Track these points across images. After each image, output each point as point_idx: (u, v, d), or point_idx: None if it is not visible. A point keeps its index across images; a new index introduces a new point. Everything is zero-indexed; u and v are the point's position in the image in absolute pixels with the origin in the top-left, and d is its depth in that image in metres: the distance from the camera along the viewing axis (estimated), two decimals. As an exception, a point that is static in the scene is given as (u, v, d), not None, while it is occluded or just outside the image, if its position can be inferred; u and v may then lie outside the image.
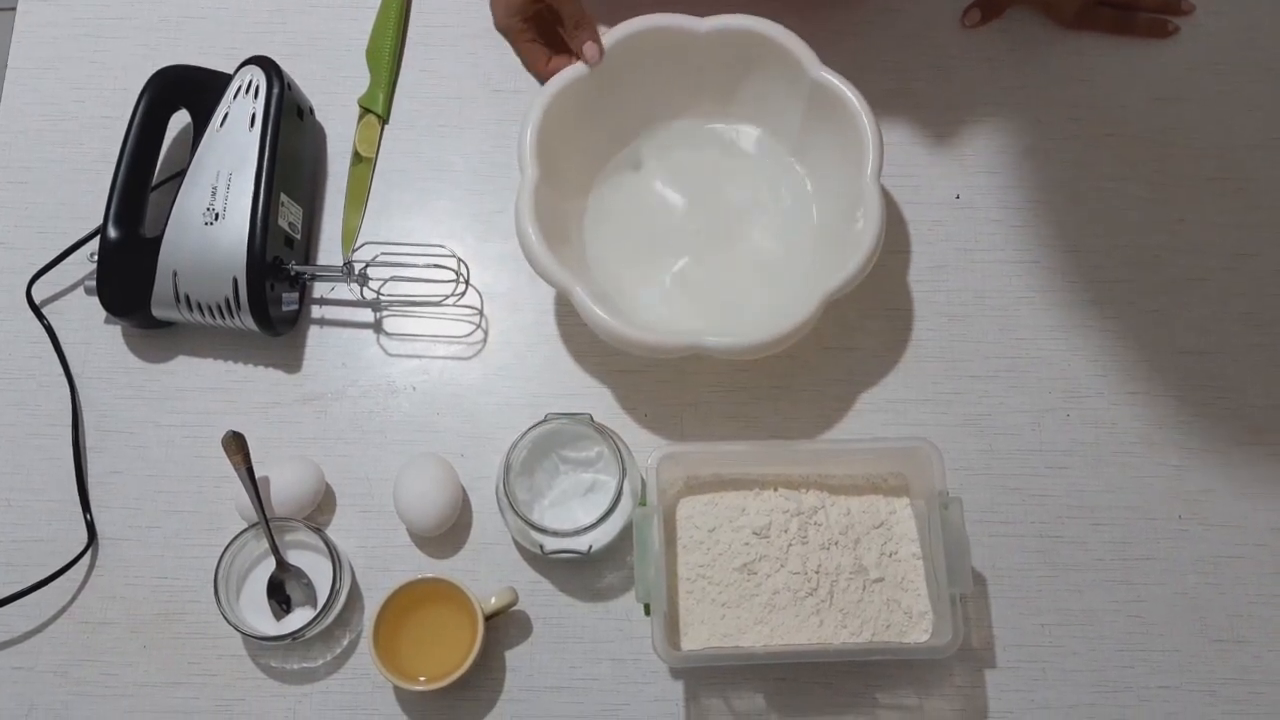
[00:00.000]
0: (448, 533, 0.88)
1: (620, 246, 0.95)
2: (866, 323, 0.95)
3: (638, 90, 0.94)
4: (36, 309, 0.95)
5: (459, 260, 0.92)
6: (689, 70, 0.93)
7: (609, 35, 0.90)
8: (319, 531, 0.85)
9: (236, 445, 0.86)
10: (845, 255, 0.86)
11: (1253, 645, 0.86)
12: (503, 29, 0.98)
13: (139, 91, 0.94)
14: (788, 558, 0.84)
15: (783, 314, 0.85)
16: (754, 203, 0.96)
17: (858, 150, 0.87)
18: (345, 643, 0.87)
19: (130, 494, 0.91)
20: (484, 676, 0.86)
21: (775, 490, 0.87)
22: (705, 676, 0.86)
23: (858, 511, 0.86)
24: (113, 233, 0.91)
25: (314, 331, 0.95)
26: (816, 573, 0.84)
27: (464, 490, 0.89)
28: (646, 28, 0.90)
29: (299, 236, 0.95)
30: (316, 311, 0.96)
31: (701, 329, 0.85)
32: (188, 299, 0.89)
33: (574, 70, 0.90)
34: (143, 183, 0.93)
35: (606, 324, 0.84)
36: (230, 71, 0.95)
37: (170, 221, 0.90)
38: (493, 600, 0.83)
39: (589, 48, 0.89)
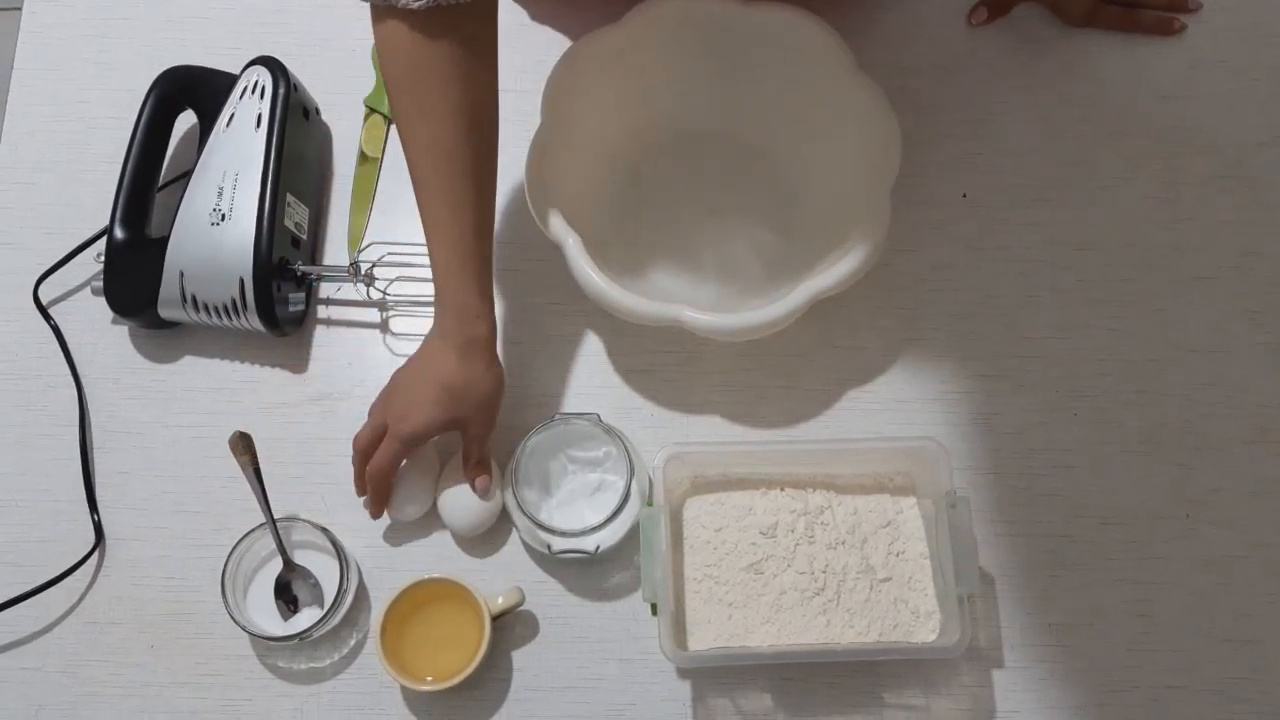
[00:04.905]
0: (454, 533, 0.89)
1: (634, 218, 0.96)
2: (873, 322, 0.94)
3: (669, 65, 0.94)
4: (43, 309, 0.95)
5: (465, 260, 0.92)
6: (724, 54, 0.93)
7: (653, 3, 0.90)
8: (326, 531, 0.85)
9: (244, 445, 0.86)
10: (845, 257, 0.86)
11: (1261, 645, 0.86)
12: None
13: (145, 92, 0.94)
14: (795, 557, 0.84)
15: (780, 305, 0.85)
16: (769, 194, 0.96)
17: (880, 158, 0.87)
18: (352, 643, 0.87)
19: (137, 494, 0.91)
20: (491, 676, 0.86)
21: (782, 490, 0.87)
22: (712, 676, 0.86)
23: (865, 511, 0.86)
24: (119, 233, 0.91)
25: (320, 331, 0.95)
26: (824, 572, 0.84)
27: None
28: (691, 2, 0.90)
29: (305, 237, 0.95)
30: (323, 311, 0.96)
31: (691, 304, 0.85)
32: (194, 299, 0.90)
33: (602, 33, 0.90)
34: (149, 183, 0.93)
35: (592, 281, 0.84)
36: (236, 72, 0.95)
37: (176, 222, 0.90)
38: (500, 600, 0.83)
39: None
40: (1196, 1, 1.03)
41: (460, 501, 0.86)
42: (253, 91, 0.93)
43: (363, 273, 0.92)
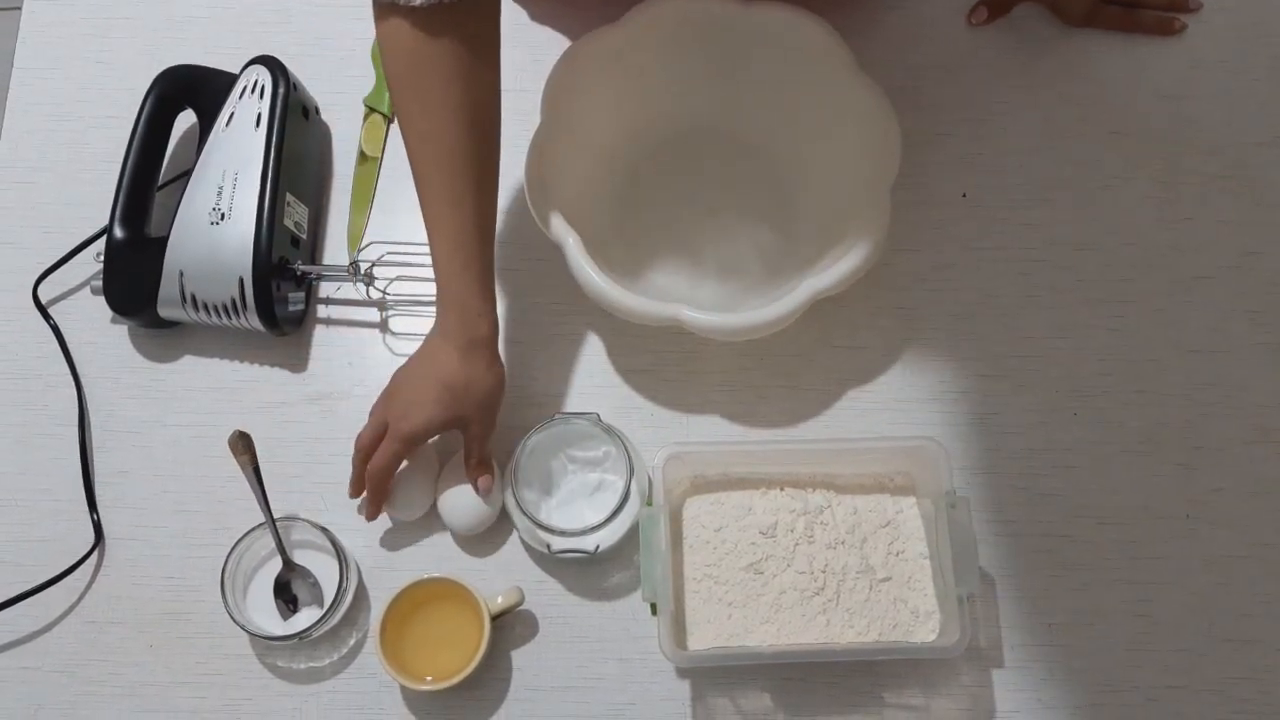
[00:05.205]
0: (454, 532, 0.88)
1: (634, 218, 0.96)
2: (873, 322, 0.94)
3: (668, 65, 0.94)
4: (43, 309, 0.95)
5: (465, 260, 0.92)
6: (723, 54, 0.93)
7: (653, 3, 0.90)
8: (326, 531, 0.85)
9: (243, 445, 0.86)
10: (845, 256, 0.86)
11: (1261, 645, 0.86)
12: None
13: (145, 91, 0.94)
14: (794, 557, 0.84)
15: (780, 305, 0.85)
16: (769, 194, 0.96)
17: (878, 158, 0.87)
18: (352, 642, 0.87)
19: (137, 494, 0.91)
20: (490, 676, 0.86)
21: (782, 489, 0.86)
22: (712, 676, 0.86)
23: (864, 510, 0.86)
24: (119, 232, 0.91)
25: (320, 331, 0.95)
26: (823, 572, 0.84)
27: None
28: (691, 2, 0.90)
29: (305, 236, 0.95)
30: (323, 311, 0.96)
31: (691, 304, 0.85)
32: (194, 299, 0.90)
33: (602, 33, 0.90)
34: (148, 182, 0.93)
35: (592, 281, 0.84)
36: (236, 71, 0.95)
37: (176, 221, 0.90)
38: (499, 600, 0.83)
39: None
40: (1197, 1, 1.03)
41: (460, 501, 0.86)
42: (252, 91, 0.93)
43: (362, 272, 0.92)
